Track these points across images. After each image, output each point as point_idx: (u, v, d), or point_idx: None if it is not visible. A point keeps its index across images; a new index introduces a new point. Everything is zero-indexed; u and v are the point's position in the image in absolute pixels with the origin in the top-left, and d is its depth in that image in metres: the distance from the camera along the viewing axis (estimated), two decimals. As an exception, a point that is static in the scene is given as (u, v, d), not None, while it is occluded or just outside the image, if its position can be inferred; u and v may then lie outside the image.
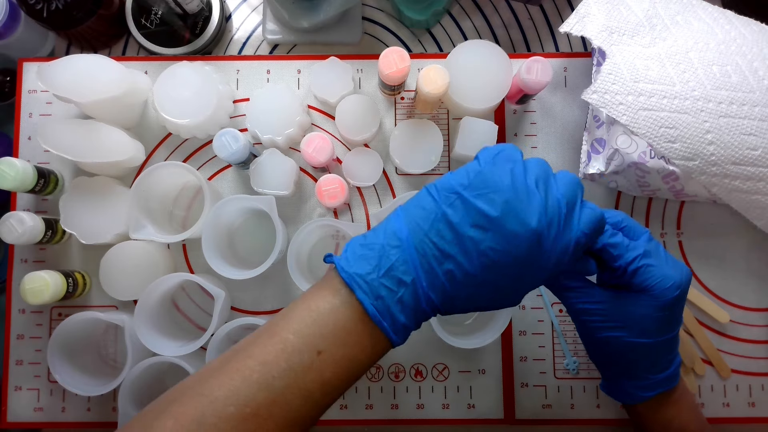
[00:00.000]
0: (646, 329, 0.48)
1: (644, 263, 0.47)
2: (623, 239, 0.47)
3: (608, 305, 0.48)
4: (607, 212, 0.48)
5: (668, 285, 0.47)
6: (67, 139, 0.56)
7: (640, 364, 0.49)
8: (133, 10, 0.67)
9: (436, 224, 0.38)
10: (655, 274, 0.47)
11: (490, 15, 0.71)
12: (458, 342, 0.55)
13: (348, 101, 0.61)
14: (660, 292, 0.47)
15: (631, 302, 0.48)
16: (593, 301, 0.48)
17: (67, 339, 0.57)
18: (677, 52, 0.56)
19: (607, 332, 0.49)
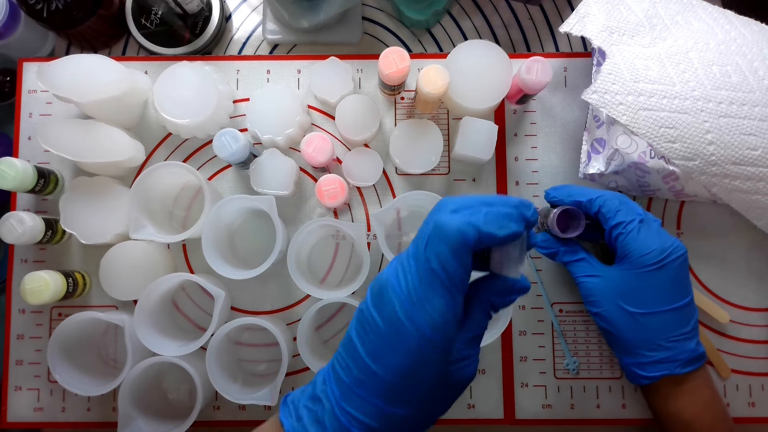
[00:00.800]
0: (629, 300, 0.51)
1: (625, 230, 0.52)
2: (613, 208, 0.52)
3: (596, 279, 0.53)
4: (606, 197, 0.54)
5: (646, 252, 0.50)
6: (67, 139, 0.56)
7: (632, 339, 0.51)
8: (133, 10, 0.67)
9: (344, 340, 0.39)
10: (634, 240, 0.51)
11: (490, 15, 0.71)
12: None
13: (348, 101, 0.61)
14: (637, 259, 0.51)
15: (616, 273, 0.52)
16: (584, 274, 0.54)
17: (67, 339, 0.57)
18: (677, 52, 0.56)
19: (594, 307, 0.53)
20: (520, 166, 0.64)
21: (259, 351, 0.62)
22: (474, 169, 0.64)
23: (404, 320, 0.35)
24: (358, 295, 0.62)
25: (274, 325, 0.56)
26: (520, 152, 0.64)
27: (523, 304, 0.62)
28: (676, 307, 0.50)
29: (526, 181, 0.64)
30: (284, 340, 0.55)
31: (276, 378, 0.54)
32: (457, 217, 0.36)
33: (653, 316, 0.50)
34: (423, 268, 0.36)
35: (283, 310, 0.63)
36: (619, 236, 0.52)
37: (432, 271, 0.35)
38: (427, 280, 0.35)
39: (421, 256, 0.36)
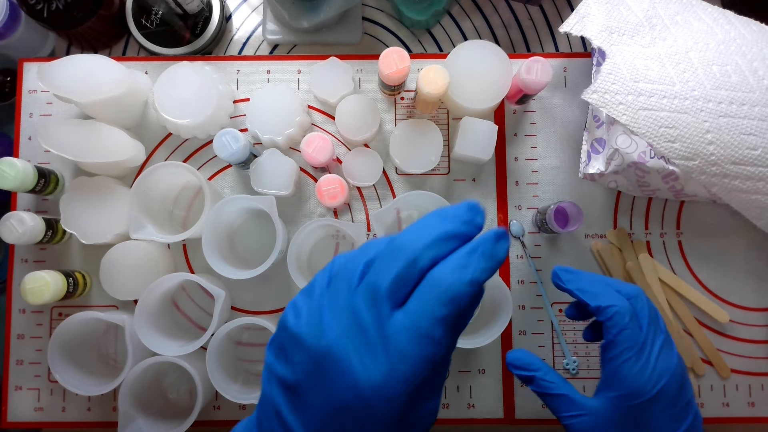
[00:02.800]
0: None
1: (623, 356, 0.45)
2: (620, 324, 0.45)
3: (585, 419, 0.46)
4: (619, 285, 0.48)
5: (640, 384, 0.44)
6: (68, 139, 0.56)
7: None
8: (134, 10, 0.67)
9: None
10: (628, 371, 0.45)
11: (490, 15, 0.71)
12: (459, 342, 0.54)
13: (348, 101, 0.61)
14: (630, 393, 0.45)
15: (607, 408, 0.46)
16: (569, 414, 0.47)
17: (67, 339, 0.57)
18: (677, 52, 0.56)
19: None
20: (519, 166, 0.64)
21: (259, 351, 0.62)
22: (474, 169, 0.64)
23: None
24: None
25: (274, 325, 0.56)
26: (520, 152, 0.64)
27: (522, 304, 0.62)
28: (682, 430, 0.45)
29: (526, 181, 0.64)
30: (284, 340, 0.55)
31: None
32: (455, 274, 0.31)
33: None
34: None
35: (283, 310, 0.63)
36: (612, 359, 0.46)
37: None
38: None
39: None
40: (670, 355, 0.46)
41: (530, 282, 0.63)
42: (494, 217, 0.63)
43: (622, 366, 0.45)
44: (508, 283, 0.63)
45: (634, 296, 0.47)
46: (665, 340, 0.46)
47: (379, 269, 0.31)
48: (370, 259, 0.32)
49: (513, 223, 0.63)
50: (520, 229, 0.63)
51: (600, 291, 0.47)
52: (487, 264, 0.31)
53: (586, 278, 0.48)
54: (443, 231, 0.32)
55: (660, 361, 0.45)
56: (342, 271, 0.33)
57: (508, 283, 0.63)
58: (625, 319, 0.45)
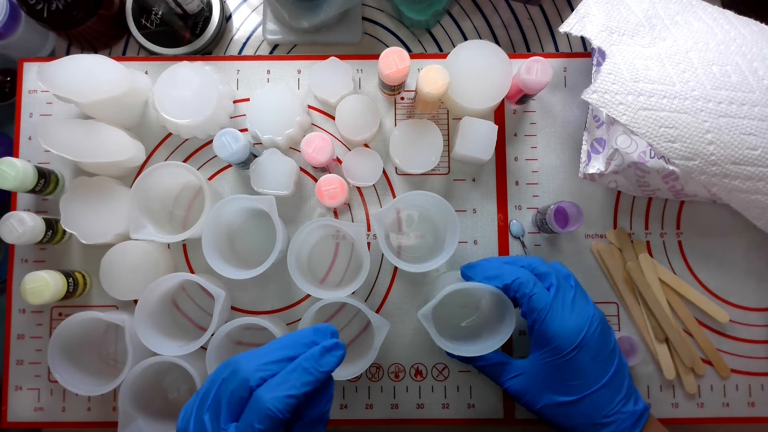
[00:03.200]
0: (558, 390, 0.50)
1: (540, 316, 0.50)
2: (527, 292, 0.50)
3: (520, 378, 0.53)
4: (519, 259, 0.54)
5: (561, 339, 0.49)
6: (68, 139, 0.56)
7: (574, 425, 0.50)
8: (134, 10, 0.67)
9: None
10: (547, 328, 0.50)
11: (490, 15, 0.71)
12: (459, 349, 0.54)
13: (348, 101, 0.61)
14: (554, 347, 0.50)
15: (538, 365, 0.51)
16: (507, 378, 0.53)
17: (67, 339, 0.57)
18: (677, 52, 0.56)
19: (531, 406, 0.52)
20: (519, 166, 0.64)
21: (259, 351, 0.62)
22: (474, 169, 0.64)
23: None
24: (359, 294, 0.62)
25: (274, 325, 0.56)
26: (520, 152, 0.64)
27: (523, 304, 0.62)
28: (605, 381, 0.49)
29: (526, 181, 0.64)
30: (284, 340, 0.55)
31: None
32: (269, 392, 0.38)
33: (585, 399, 0.49)
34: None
35: (283, 310, 0.63)
36: (534, 323, 0.51)
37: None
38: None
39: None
40: (585, 306, 0.51)
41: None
42: (494, 217, 0.63)
43: (542, 326, 0.50)
44: (508, 283, 0.63)
45: (535, 265, 0.53)
46: (576, 294, 0.51)
47: (221, 391, 0.39)
48: (224, 376, 0.40)
49: (513, 223, 0.63)
50: (520, 229, 0.63)
51: (503, 271, 0.52)
52: (306, 378, 0.39)
53: (488, 265, 0.54)
54: (278, 356, 0.40)
55: (576, 314, 0.50)
56: (210, 380, 0.41)
57: (508, 283, 0.63)
58: (529, 285, 0.51)
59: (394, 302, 0.62)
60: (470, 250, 0.63)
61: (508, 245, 0.63)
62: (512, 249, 0.63)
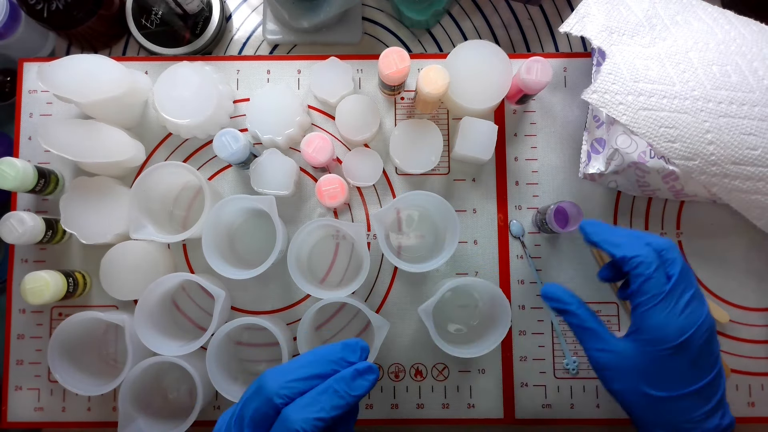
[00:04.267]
0: (649, 382, 0.46)
1: (648, 303, 0.46)
2: (645, 274, 0.46)
3: (609, 355, 0.48)
4: (649, 238, 0.48)
5: (664, 333, 0.45)
6: (68, 139, 0.56)
7: (649, 420, 0.47)
8: (134, 10, 0.67)
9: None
10: (652, 317, 0.46)
11: (490, 15, 0.71)
12: (456, 351, 0.54)
13: (348, 101, 0.61)
14: (654, 339, 0.46)
15: (632, 351, 0.47)
16: (595, 348, 0.48)
17: (67, 339, 0.57)
18: (677, 52, 0.56)
19: (608, 384, 0.48)
20: (519, 166, 0.64)
21: (259, 351, 0.62)
22: (474, 169, 0.64)
23: None
24: (359, 294, 0.62)
25: (274, 325, 0.56)
26: (520, 152, 0.64)
27: (522, 304, 0.62)
28: (696, 388, 0.46)
29: (526, 181, 0.64)
30: (284, 340, 0.55)
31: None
32: (298, 412, 0.38)
33: (669, 400, 0.46)
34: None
35: (283, 310, 0.63)
36: (638, 306, 0.47)
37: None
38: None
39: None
40: (699, 308, 0.46)
41: (530, 282, 0.63)
42: (494, 217, 0.63)
43: (647, 313, 0.46)
44: (508, 283, 0.63)
45: (665, 248, 0.47)
46: (695, 294, 0.46)
47: (245, 407, 0.39)
48: (253, 389, 0.40)
49: (513, 223, 0.63)
50: (520, 229, 0.63)
51: (626, 242, 0.48)
52: (337, 402, 0.38)
53: (612, 230, 0.49)
54: (304, 374, 0.39)
55: (687, 313, 0.45)
56: (234, 406, 0.41)
57: (508, 283, 0.63)
58: (650, 268, 0.46)
59: (394, 302, 0.62)
60: (470, 250, 0.63)
61: (508, 245, 0.63)
62: (512, 249, 0.63)
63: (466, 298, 0.62)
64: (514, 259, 0.63)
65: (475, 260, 0.63)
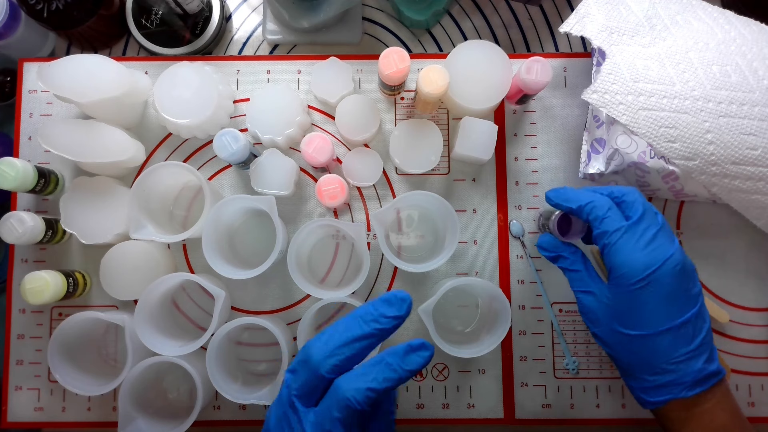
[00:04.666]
0: (622, 321, 0.47)
1: (609, 240, 0.47)
2: (600, 215, 0.48)
3: (590, 296, 0.50)
4: (611, 189, 0.50)
5: (628, 268, 0.45)
6: (68, 139, 0.56)
7: (632, 362, 0.47)
8: (134, 10, 0.67)
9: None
10: (616, 253, 0.47)
11: (489, 15, 0.71)
12: (456, 351, 0.54)
13: (348, 101, 0.61)
14: (621, 275, 0.46)
15: (607, 291, 0.48)
16: (579, 289, 0.51)
17: (67, 339, 0.57)
18: (677, 52, 0.56)
19: (591, 326, 0.50)
20: (519, 166, 0.64)
21: (259, 351, 0.62)
22: (474, 169, 0.64)
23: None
24: (359, 294, 0.62)
25: (274, 325, 0.56)
26: (520, 152, 0.64)
27: (522, 304, 0.62)
28: (674, 325, 0.45)
29: (526, 181, 0.64)
30: (284, 340, 0.55)
31: (276, 378, 0.55)
32: (350, 383, 0.38)
33: (650, 338, 0.46)
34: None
35: (283, 310, 0.63)
36: (604, 248, 0.48)
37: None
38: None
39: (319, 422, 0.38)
40: (666, 245, 0.46)
41: (530, 282, 0.63)
42: (494, 217, 0.63)
43: (610, 251, 0.47)
44: (508, 283, 0.63)
45: (625, 192, 0.49)
46: (660, 231, 0.47)
47: (294, 377, 0.40)
48: (292, 367, 0.40)
49: (513, 223, 0.63)
50: (520, 229, 0.63)
51: (580, 195, 0.50)
52: (390, 375, 0.38)
53: (575, 191, 0.51)
54: (345, 339, 0.39)
55: (652, 248, 0.46)
56: (294, 362, 0.41)
57: (508, 283, 0.63)
58: (603, 209, 0.48)
59: (394, 302, 0.62)
60: (470, 250, 0.63)
61: (508, 245, 0.63)
62: (512, 249, 0.63)
63: (466, 298, 0.62)
64: (514, 259, 0.63)
65: (475, 260, 0.63)
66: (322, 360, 0.38)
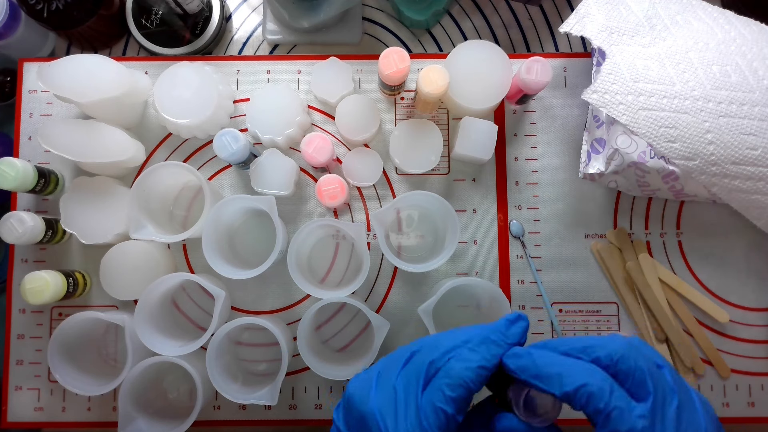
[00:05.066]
0: None
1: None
2: (602, 401, 0.34)
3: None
4: (593, 351, 0.36)
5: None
6: (68, 139, 0.56)
7: None
8: (134, 10, 0.67)
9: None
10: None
11: (489, 15, 0.71)
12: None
13: (348, 101, 0.61)
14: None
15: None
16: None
17: (67, 339, 0.57)
18: (677, 52, 0.56)
19: None
20: (519, 166, 0.64)
21: (259, 351, 0.62)
22: (474, 169, 0.64)
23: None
24: (359, 294, 0.62)
25: (274, 325, 0.56)
26: (520, 152, 0.64)
27: (522, 304, 0.62)
28: None
29: (526, 181, 0.64)
30: (284, 340, 0.55)
31: (276, 378, 0.55)
32: (460, 362, 0.37)
33: None
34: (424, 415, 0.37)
35: (283, 310, 0.63)
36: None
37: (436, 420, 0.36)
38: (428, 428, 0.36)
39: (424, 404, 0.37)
40: (692, 417, 0.35)
41: (530, 282, 0.63)
42: (494, 217, 0.63)
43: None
44: (508, 283, 0.63)
45: (620, 356, 0.36)
46: (682, 401, 0.35)
47: (420, 358, 0.39)
48: (415, 350, 0.40)
49: (513, 223, 0.63)
50: (520, 229, 0.63)
51: (564, 369, 0.36)
52: (496, 350, 0.38)
53: (544, 358, 0.37)
54: (476, 334, 0.39)
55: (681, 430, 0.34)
56: (392, 358, 0.41)
57: (508, 283, 0.63)
58: (603, 397, 0.34)
59: (394, 302, 0.62)
60: (470, 250, 0.63)
61: (508, 245, 0.63)
62: (512, 249, 0.63)
63: (466, 298, 0.62)
64: (514, 259, 0.63)
65: (475, 260, 0.63)
66: (451, 348, 0.39)
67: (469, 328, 0.41)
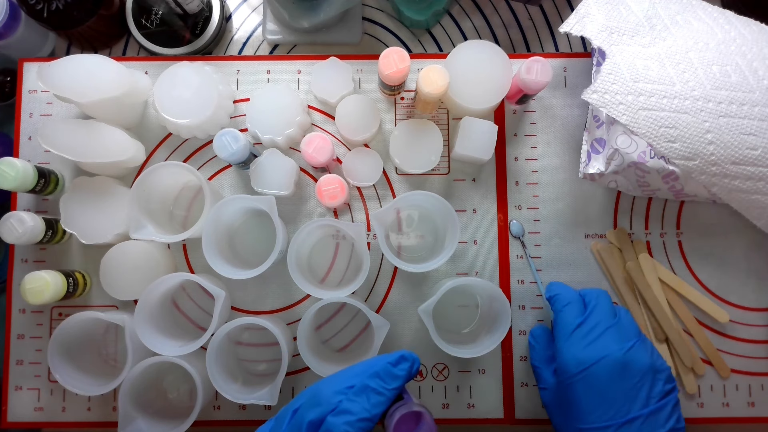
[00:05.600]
0: (567, 413, 0.49)
1: (559, 334, 0.50)
2: (560, 304, 0.52)
3: (545, 392, 0.54)
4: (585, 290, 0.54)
5: (566, 362, 0.48)
6: (68, 139, 0.56)
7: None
8: (134, 10, 0.67)
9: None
10: (560, 348, 0.50)
11: (490, 15, 0.71)
12: (456, 351, 0.54)
13: (348, 101, 0.61)
14: (560, 368, 0.49)
15: (554, 384, 0.52)
16: (540, 386, 0.55)
17: (67, 339, 0.57)
18: (677, 52, 0.56)
19: (551, 419, 0.53)
20: (519, 166, 0.64)
21: (259, 351, 0.62)
22: (474, 169, 0.64)
23: None
24: (359, 294, 0.62)
25: (274, 325, 0.56)
26: (520, 152, 0.64)
27: (522, 304, 0.62)
28: (615, 423, 0.45)
29: (526, 181, 0.64)
30: (284, 340, 0.55)
31: (276, 378, 0.55)
32: (340, 417, 0.38)
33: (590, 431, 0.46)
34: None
35: (283, 310, 0.63)
36: (556, 339, 0.52)
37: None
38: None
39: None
40: (611, 344, 0.47)
41: (530, 282, 0.63)
42: (494, 217, 0.63)
43: (558, 345, 0.49)
44: (508, 283, 0.63)
45: (593, 295, 0.53)
46: (610, 330, 0.48)
47: (299, 418, 0.39)
48: (296, 408, 0.40)
49: (513, 223, 0.63)
50: (520, 229, 0.63)
51: (556, 288, 0.55)
52: (377, 399, 0.38)
53: (560, 286, 0.57)
54: (358, 381, 0.39)
55: (594, 346, 0.48)
56: (278, 417, 0.42)
57: (508, 283, 0.63)
58: (563, 302, 0.52)
59: (394, 302, 0.62)
60: (470, 250, 0.63)
61: (508, 245, 0.63)
62: (512, 249, 0.63)
63: (466, 298, 0.62)
64: (514, 259, 0.63)
65: (475, 260, 0.63)
66: (328, 399, 0.40)
67: (352, 370, 0.40)
